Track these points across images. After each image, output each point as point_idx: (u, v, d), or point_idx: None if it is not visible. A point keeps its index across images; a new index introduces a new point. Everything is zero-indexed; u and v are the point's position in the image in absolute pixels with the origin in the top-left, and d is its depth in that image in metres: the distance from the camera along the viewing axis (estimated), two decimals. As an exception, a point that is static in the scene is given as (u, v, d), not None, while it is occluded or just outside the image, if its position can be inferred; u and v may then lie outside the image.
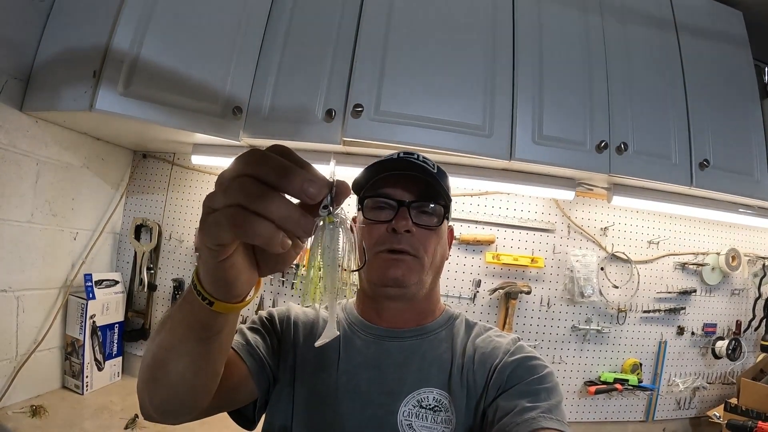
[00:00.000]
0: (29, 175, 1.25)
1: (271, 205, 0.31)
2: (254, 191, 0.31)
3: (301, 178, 0.32)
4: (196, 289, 0.40)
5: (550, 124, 1.27)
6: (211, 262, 0.37)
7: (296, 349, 0.69)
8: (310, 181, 0.32)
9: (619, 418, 1.55)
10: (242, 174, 0.32)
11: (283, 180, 0.32)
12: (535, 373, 0.62)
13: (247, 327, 0.70)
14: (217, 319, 0.43)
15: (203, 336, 0.45)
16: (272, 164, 0.32)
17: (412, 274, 0.66)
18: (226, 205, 0.32)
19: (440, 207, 0.70)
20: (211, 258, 0.36)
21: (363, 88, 1.21)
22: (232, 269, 0.37)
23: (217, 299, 0.40)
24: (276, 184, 0.32)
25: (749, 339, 1.68)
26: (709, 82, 1.43)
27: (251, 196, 0.31)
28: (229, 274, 0.38)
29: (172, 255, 1.58)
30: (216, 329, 0.44)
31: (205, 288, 0.40)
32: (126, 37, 1.11)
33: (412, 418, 0.62)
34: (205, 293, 0.40)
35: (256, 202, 0.31)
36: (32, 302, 1.28)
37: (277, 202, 0.31)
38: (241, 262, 0.38)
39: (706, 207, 1.47)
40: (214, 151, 1.40)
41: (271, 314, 0.73)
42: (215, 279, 0.39)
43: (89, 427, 1.18)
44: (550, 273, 1.53)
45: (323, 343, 0.42)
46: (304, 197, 0.32)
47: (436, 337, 0.71)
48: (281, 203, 0.31)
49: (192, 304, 0.41)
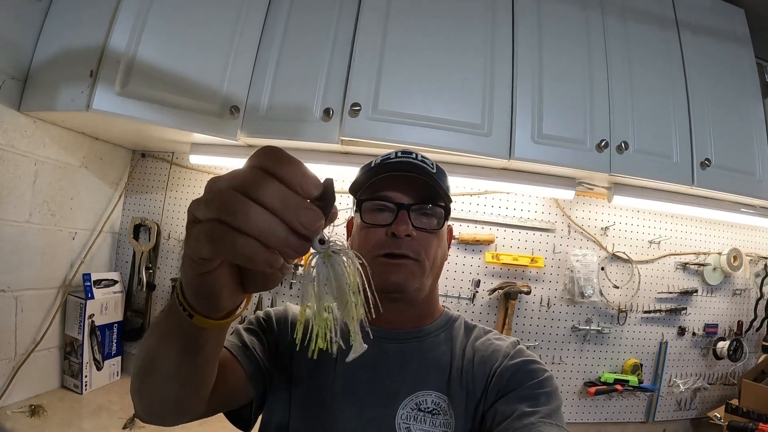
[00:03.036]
0: (27, 175, 1.25)
1: (252, 220, 0.28)
2: (235, 205, 0.28)
3: (297, 206, 0.29)
4: (179, 299, 0.38)
5: (550, 123, 1.26)
6: (190, 273, 0.35)
7: (293, 350, 0.69)
8: (305, 209, 0.29)
9: (620, 419, 1.54)
10: (229, 186, 0.29)
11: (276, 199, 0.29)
12: (535, 377, 0.61)
13: (243, 327, 0.69)
14: (200, 333, 0.40)
15: (188, 348, 0.43)
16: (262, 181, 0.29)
17: (413, 279, 0.65)
18: (206, 218, 0.30)
19: (440, 209, 0.68)
20: (191, 270, 0.34)
21: (361, 87, 1.21)
22: (214, 284, 0.35)
23: (198, 313, 0.38)
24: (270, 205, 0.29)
25: (751, 340, 1.66)
26: (711, 80, 1.42)
27: (230, 211, 0.28)
28: (210, 290, 0.36)
29: (170, 254, 1.58)
30: (200, 342, 0.42)
31: (187, 299, 0.38)
32: (123, 36, 1.11)
33: (411, 421, 0.62)
34: (186, 305, 0.38)
35: (236, 216, 0.28)
36: (31, 302, 1.28)
37: (260, 218, 0.28)
38: (224, 278, 0.35)
39: (708, 206, 1.45)
40: (212, 150, 1.39)
41: (268, 314, 0.72)
42: (195, 292, 0.37)
43: (88, 426, 1.18)
44: (550, 273, 1.53)
45: (353, 359, 0.39)
46: (298, 226, 0.29)
47: (434, 340, 0.70)
48: (264, 218, 0.28)
49: (176, 314, 0.39)
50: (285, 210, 0.29)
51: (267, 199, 0.28)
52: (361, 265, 0.35)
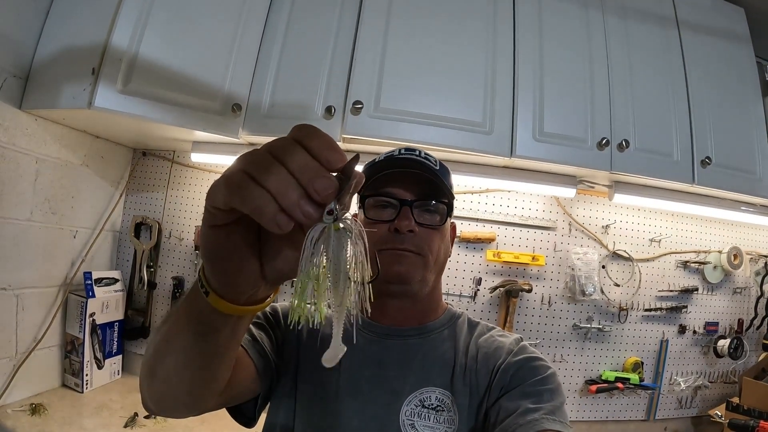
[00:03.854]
0: (28, 174, 1.25)
1: (271, 175, 0.29)
2: (261, 161, 0.30)
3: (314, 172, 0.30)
4: (199, 275, 0.39)
5: (551, 121, 1.27)
6: (204, 228, 0.35)
7: (299, 346, 0.69)
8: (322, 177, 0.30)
9: (621, 417, 1.54)
10: (265, 149, 0.31)
11: (288, 159, 0.30)
12: (538, 374, 0.62)
13: (251, 322, 0.68)
14: (216, 317, 0.39)
15: (199, 330, 0.42)
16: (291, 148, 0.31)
17: (416, 271, 0.66)
18: (234, 169, 0.31)
19: (443, 205, 0.69)
20: (204, 224, 0.34)
21: (363, 85, 1.21)
22: (227, 243, 0.35)
23: (215, 291, 0.37)
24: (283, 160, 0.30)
25: (751, 338, 1.67)
26: (711, 79, 1.43)
27: (255, 163, 0.30)
28: (224, 253, 0.35)
29: (171, 253, 1.58)
30: (213, 326, 0.41)
31: (206, 274, 0.38)
32: (125, 34, 1.11)
33: (415, 417, 0.62)
34: (204, 280, 0.38)
35: (258, 168, 0.30)
36: (32, 300, 1.28)
37: (279, 176, 0.29)
38: (237, 240, 0.35)
39: (708, 205, 1.46)
40: (213, 148, 1.39)
41: (274, 309, 0.72)
42: (209, 255, 0.36)
43: (89, 425, 1.18)
44: (551, 271, 1.53)
45: (332, 364, 0.37)
46: (312, 191, 0.30)
47: (438, 336, 0.70)
48: (282, 177, 0.30)
49: (195, 295, 0.39)
50: (303, 174, 0.30)
51: (290, 162, 0.30)
52: (369, 252, 0.34)
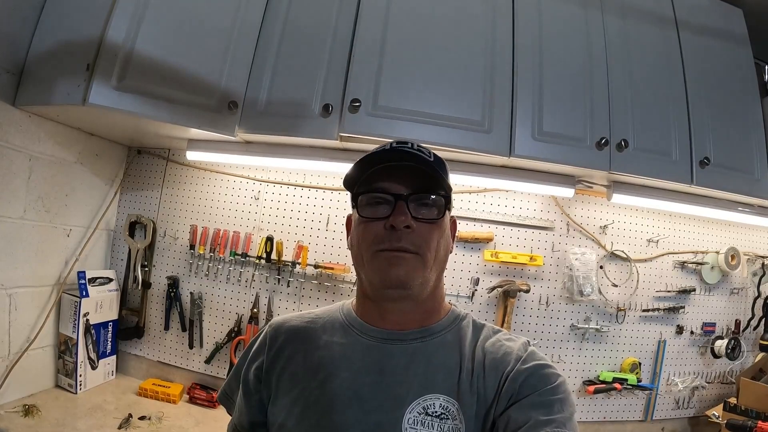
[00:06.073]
0: (22, 171, 1.23)
1: None
2: None
3: None
4: None
5: (550, 121, 1.26)
6: None
7: (290, 364, 0.68)
8: None
9: (618, 417, 1.54)
10: None
11: None
12: (549, 383, 0.59)
13: (239, 396, 0.72)
14: None
15: None
16: None
17: (415, 274, 0.62)
18: None
19: (440, 198, 0.65)
20: None
21: (360, 83, 1.20)
22: None
23: None
24: None
25: (748, 338, 1.67)
26: (710, 79, 1.43)
27: None
28: None
29: (166, 252, 1.56)
30: None
31: None
32: (120, 29, 1.10)
33: (418, 425, 0.58)
34: None
35: None
36: (25, 300, 1.26)
37: None
38: None
39: (706, 205, 1.46)
40: (209, 146, 1.38)
41: (245, 380, 0.72)
42: None
43: (82, 426, 1.16)
44: (549, 271, 1.52)
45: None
46: None
47: (441, 340, 0.67)
48: None
49: None
50: None
51: None
52: None
